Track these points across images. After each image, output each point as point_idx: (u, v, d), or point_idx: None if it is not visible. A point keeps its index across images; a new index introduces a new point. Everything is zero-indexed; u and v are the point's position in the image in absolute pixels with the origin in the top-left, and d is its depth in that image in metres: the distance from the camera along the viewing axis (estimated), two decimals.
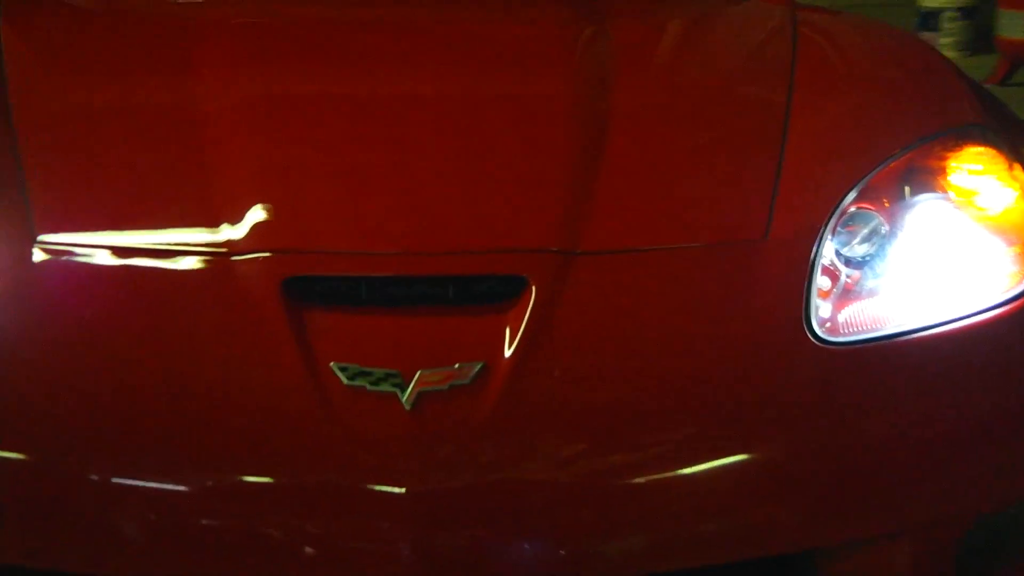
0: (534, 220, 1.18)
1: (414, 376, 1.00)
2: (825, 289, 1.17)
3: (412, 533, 0.97)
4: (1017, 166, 1.31)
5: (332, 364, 1.01)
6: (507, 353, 1.03)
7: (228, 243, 1.11)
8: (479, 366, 1.02)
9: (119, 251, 1.13)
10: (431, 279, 1.11)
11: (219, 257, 1.12)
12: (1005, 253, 1.24)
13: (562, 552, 1.03)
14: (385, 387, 1.00)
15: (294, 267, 1.09)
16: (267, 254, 1.10)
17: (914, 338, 1.14)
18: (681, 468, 1.05)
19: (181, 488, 1.01)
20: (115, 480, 1.02)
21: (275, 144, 1.29)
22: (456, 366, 1.02)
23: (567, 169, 1.25)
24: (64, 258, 1.13)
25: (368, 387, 1.00)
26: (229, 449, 1.02)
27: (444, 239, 1.16)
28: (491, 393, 1.01)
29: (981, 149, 1.33)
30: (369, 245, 1.14)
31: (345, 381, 1.00)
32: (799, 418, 1.09)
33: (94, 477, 1.01)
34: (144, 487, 1.01)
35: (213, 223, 1.14)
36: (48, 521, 1.01)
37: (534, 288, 1.07)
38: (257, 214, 1.14)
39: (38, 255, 1.11)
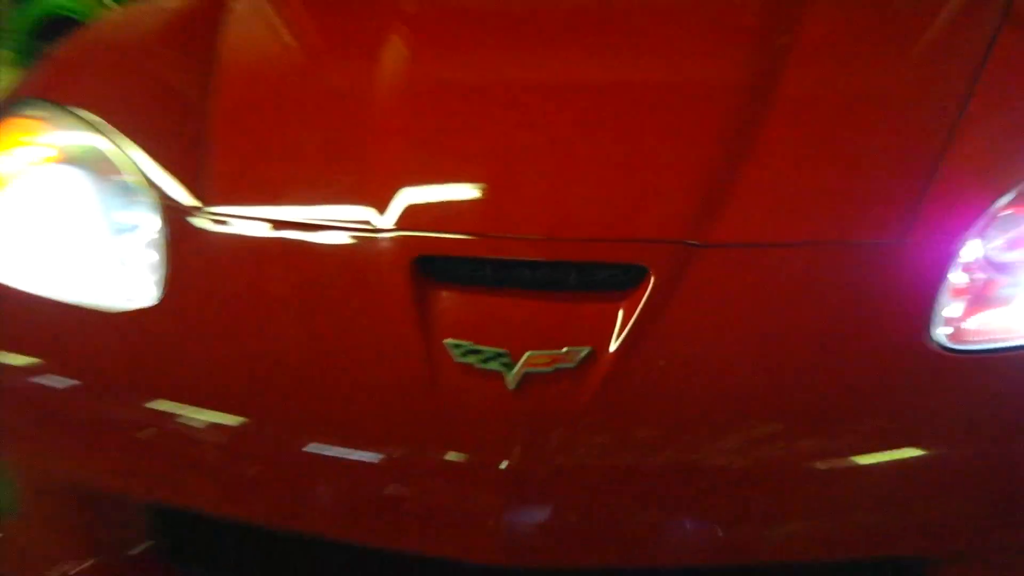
0: (663, 210, 1.19)
1: (522, 357, 1.04)
2: (961, 291, 1.11)
3: (501, 509, 1.02)
4: None
5: (446, 341, 1.07)
6: (615, 341, 1.05)
7: (371, 221, 1.19)
8: (586, 351, 1.04)
9: (275, 224, 1.23)
10: (555, 264, 1.14)
11: (362, 234, 1.20)
12: None
13: (646, 538, 1.06)
14: (493, 366, 1.04)
15: (426, 247, 1.15)
16: (404, 233, 1.17)
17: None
18: (776, 467, 1.04)
19: (298, 444, 1.11)
20: (245, 429, 1.13)
21: (429, 128, 1.37)
22: (564, 350, 1.05)
23: (709, 158, 1.25)
24: (224, 228, 1.24)
25: (476, 365, 1.05)
26: (343, 413, 1.11)
27: (574, 226, 1.19)
28: (594, 379, 1.04)
29: None
30: (499, 229, 1.18)
31: (456, 358, 1.06)
32: (909, 424, 1.06)
33: (230, 425, 1.13)
34: (265, 438, 1.13)
35: (362, 201, 1.22)
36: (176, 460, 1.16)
37: (653, 279, 1.09)
38: (402, 195, 1.21)
39: (203, 223, 1.24)
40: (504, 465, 1.02)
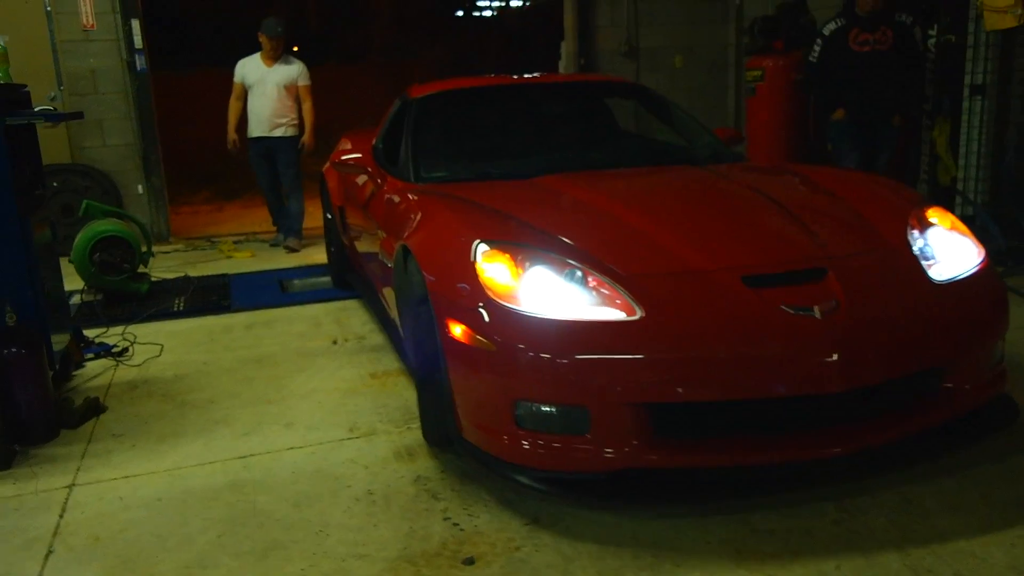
0: (807, 245, 2.74)
1: (815, 306, 2.45)
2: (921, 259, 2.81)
3: (831, 365, 2.37)
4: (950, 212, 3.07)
5: (781, 305, 2.45)
6: (842, 295, 2.50)
7: (706, 265, 2.57)
8: (835, 301, 2.49)
9: (666, 275, 2.55)
10: (796, 271, 2.60)
11: (707, 272, 2.56)
12: (966, 242, 2.94)
13: (875, 364, 2.48)
14: (806, 311, 2.43)
15: (743, 271, 2.54)
16: (730, 267, 2.55)
17: (961, 278, 2.79)
18: (906, 326, 2.58)
19: (719, 356, 2.37)
20: (700, 358, 2.39)
21: (674, 223, 2.84)
22: (831, 301, 2.48)
23: (793, 222, 2.87)
24: (645, 279, 2.50)
25: (799, 312, 2.42)
26: (742, 341, 2.39)
27: (786, 256, 2.69)
28: (845, 308, 2.46)
29: (936, 208, 3.06)
30: (760, 260, 2.63)
31: (790, 312, 2.42)
32: (927, 310, 2.66)
33: (694, 356, 2.38)
34: (710, 360, 2.37)
35: (698, 258, 2.62)
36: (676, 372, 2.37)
37: (831, 272, 2.58)
38: (713, 253, 2.63)
39: (634, 280, 2.49)
40: (822, 347, 2.38)
